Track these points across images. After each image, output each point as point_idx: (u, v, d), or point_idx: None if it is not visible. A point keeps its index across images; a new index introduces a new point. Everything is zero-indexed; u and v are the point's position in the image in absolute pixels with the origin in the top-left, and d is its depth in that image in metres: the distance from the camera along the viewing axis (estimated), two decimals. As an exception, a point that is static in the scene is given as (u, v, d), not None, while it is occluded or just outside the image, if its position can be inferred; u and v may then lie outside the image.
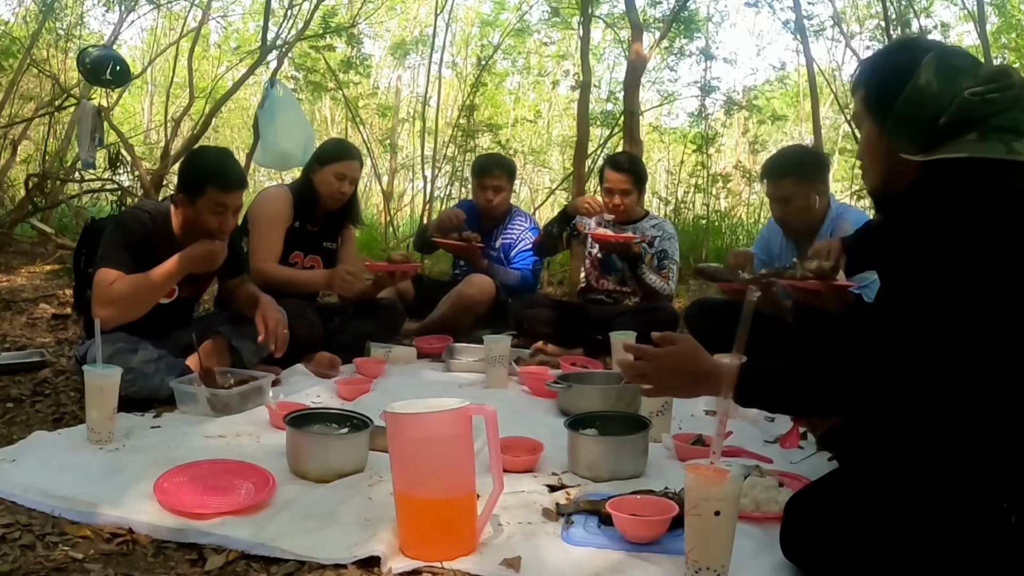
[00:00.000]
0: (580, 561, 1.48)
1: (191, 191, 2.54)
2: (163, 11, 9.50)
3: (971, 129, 1.33)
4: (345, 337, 3.21)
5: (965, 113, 1.33)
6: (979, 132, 1.33)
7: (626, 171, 3.57)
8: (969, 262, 1.24)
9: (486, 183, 3.94)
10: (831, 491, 1.38)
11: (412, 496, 1.48)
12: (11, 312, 3.93)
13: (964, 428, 1.26)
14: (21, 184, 7.79)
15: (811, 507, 1.37)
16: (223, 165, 2.59)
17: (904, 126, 1.39)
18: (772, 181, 2.90)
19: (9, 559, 1.44)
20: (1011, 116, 1.33)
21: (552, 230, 3.79)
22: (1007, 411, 1.24)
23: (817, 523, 1.34)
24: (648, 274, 3.50)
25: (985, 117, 1.33)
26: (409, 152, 11.34)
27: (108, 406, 2.06)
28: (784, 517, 1.41)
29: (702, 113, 8.39)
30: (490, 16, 11.44)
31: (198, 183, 2.52)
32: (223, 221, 2.55)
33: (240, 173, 2.62)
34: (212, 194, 2.51)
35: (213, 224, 2.54)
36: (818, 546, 1.33)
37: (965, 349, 1.23)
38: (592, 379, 2.66)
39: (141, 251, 2.51)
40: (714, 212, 8.15)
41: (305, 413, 2.03)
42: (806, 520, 1.36)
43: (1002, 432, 1.24)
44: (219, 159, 2.63)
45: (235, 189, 2.56)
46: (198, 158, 2.69)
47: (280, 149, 5.70)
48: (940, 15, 8.67)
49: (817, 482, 1.44)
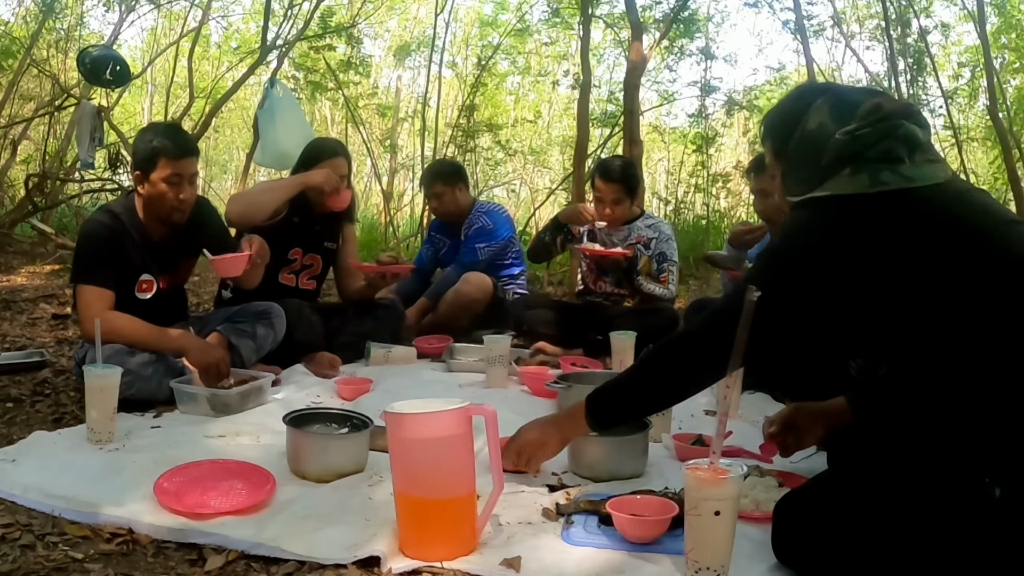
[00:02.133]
0: (580, 561, 1.47)
1: (144, 166, 2.54)
2: (163, 11, 9.50)
3: (846, 165, 1.41)
4: (345, 337, 3.21)
5: (840, 152, 1.41)
6: (852, 167, 1.41)
7: (616, 181, 3.51)
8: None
9: (427, 195, 3.98)
10: (817, 493, 1.40)
11: (412, 496, 1.48)
12: (11, 312, 3.94)
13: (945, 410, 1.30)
14: (21, 184, 7.79)
15: (798, 510, 1.39)
16: (170, 135, 2.59)
17: (797, 169, 1.50)
18: (754, 174, 2.99)
19: (9, 559, 1.44)
20: (882, 148, 1.40)
21: (544, 238, 3.76)
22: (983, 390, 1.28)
23: (805, 525, 1.35)
24: (646, 283, 3.49)
25: (858, 152, 1.40)
26: (409, 152, 11.34)
27: (108, 406, 2.06)
28: (774, 521, 1.42)
29: (702, 113, 8.40)
30: (490, 16, 11.44)
31: (149, 157, 2.52)
32: (180, 191, 2.54)
33: (191, 141, 2.62)
34: (164, 164, 2.51)
35: (170, 196, 2.53)
36: (808, 547, 1.35)
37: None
38: (592, 379, 2.64)
39: (111, 257, 2.51)
40: (714, 212, 8.15)
41: (305, 413, 2.03)
42: (795, 523, 1.38)
43: (979, 408, 1.27)
44: (166, 130, 2.66)
45: (187, 156, 2.56)
46: (146, 133, 2.67)
47: (279, 149, 5.70)
48: (940, 15, 8.66)
49: (803, 485, 1.48)
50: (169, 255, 2.69)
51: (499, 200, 9.59)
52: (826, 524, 1.32)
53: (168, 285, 2.74)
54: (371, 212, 9.71)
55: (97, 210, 2.79)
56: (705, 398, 2.74)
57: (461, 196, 3.96)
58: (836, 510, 1.32)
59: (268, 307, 2.82)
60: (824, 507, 1.34)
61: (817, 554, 1.33)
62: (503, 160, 10.11)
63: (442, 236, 4.12)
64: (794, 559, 1.39)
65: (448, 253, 4.10)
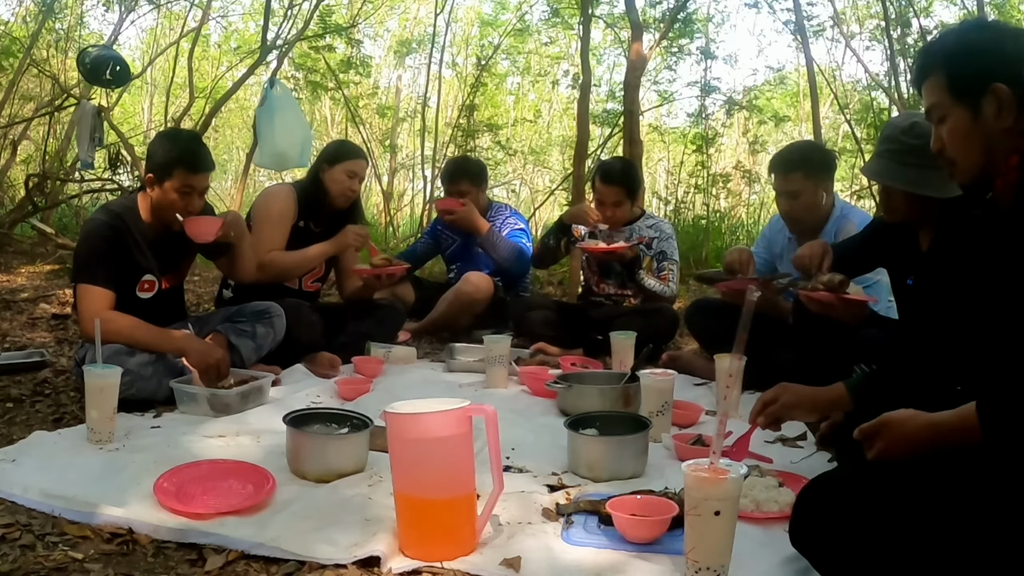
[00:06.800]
0: (580, 561, 1.48)
1: (159, 172, 2.54)
2: (163, 11, 9.50)
3: None
4: (345, 337, 3.21)
5: None
6: None
7: (616, 183, 3.51)
8: None
9: (450, 192, 3.98)
10: (844, 483, 1.36)
11: (412, 496, 1.48)
12: (11, 312, 3.93)
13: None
14: (21, 184, 7.78)
15: (823, 498, 1.35)
16: (192, 147, 2.60)
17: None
18: (781, 174, 2.89)
19: (9, 559, 1.44)
20: None
21: (549, 242, 3.76)
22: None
23: (829, 514, 1.32)
24: (647, 279, 3.49)
25: None
26: (409, 152, 11.34)
27: (108, 406, 2.06)
28: (795, 506, 1.38)
29: (702, 113, 8.40)
30: (490, 16, 11.45)
31: (167, 164, 2.53)
32: (189, 202, 2.56)
33: (209, 156, 2.63)
34: (180, 175, 2.52)
35: (179, 205, 2.55)
36: (828, 537, 1.32)
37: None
38: (592, 379, 2.66)
39: (112, 257, 2.51)
40: (714, 212, 8.14)
41: (305, 413, 2.03)
42: (818, 510, 1.34)
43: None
44: (189, 141, 2.66)
45: (203, 171, 2.57)
46: (168, 139, 2.67)
47: (277, 150, 5.69)
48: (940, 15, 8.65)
49: (829, 473, 1.42)
50: (170, 254, 2.69)
51: (499, 200, 9.58)
52: (849, 515, 1.28)
53: (170, 285, 2.74)
54: (371, 212, 9.70)
55: (98, 209, 2.79)
56: (705, 398, 2.75)
57: (483, 197, 4.04)
58: (858, 500, 1.27)
59: (268, 307, 2.82)
60: (847, 498, 1.31)
61: (836, 544, 1.28)
62: (503, 160, 10.11)
63: (451, 233, 4.10)
64: (811, 547, 1.34)
65: (457, 251, 4.11)
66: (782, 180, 2.89)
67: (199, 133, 2.83)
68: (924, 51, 1.54)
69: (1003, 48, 1.38)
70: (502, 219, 3.99)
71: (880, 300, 2.65)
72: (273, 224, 3.21)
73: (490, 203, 4.10)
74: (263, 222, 3.21)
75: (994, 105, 1.36)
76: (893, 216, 2.20)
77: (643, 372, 2.35)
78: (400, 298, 3.69)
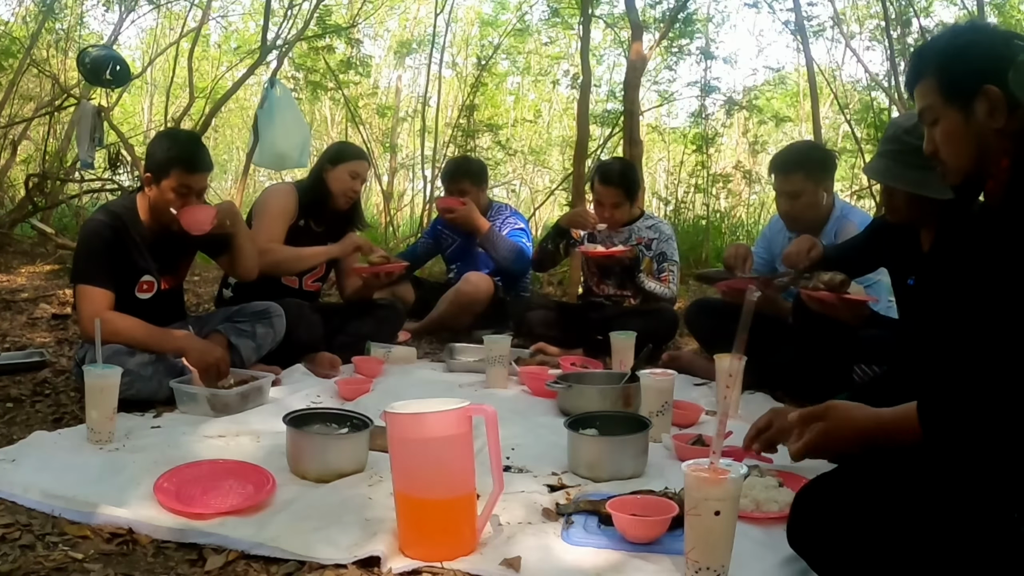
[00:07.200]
0: (580, 561, 1.47)
1: (157, 171, 2.54)
2: (163, 11, 9.50)
3: None
4: (345, 337, 3.21)
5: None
6: None
7: (615, 184, 3.50)
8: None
9: (451, 191, 3.98)
10: (841, 484, 1.36)
11: (412, 496, 1.48)
12: (11, 312, 3.93)
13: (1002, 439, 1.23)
14: (21, 184, 7.78)
15: (820, 498, 1.35)
16: (191, 147, 2.60)
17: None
18: (781, 175, 2.90)
19: (9, 559, 1.44)
20: None
21: (547, 246, 3.76)
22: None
23: (826, 515, 1.32)
24: (647, 281, 3.49)
25: None
26: (409, 152, 11.34)
27: (108, 406, 2.06)
28: (793, 507, 1.38)
29: (702, 113, 8.40)
30: (490, 16, 11.45)
31: (165, 164, 2.53)
32: (186, 203, 2.56)
33: (207, 157, 2.63)
34: (177, 175, 2.52)
35: (176, 205, 2.54)
36: (825, 538, 1.32)
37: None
38: (592, 379, 2.66)
39: (111, 257, 2.51)
40: (714, 212, 8.14)
41: (305, 413, 2.03)
42: (815, 511, 1.34)
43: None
44: (188, 141, 2.66)
45: (200, 171, 2.57)
46: (166, 139, 2.67)
47: (276, 150, 5.70)
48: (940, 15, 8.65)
49: (827, 474, 1.42)
50: (169, 255, 2.69)
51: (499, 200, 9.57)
52: (846, 516, 1.29)
53: (169, 286, 2.74)
54: (371, 212, 9.70)
55: (97, 210, 2.79)
56: (705, 398, 2.75)
57: (483, 196, 4.04)
58: (859, 503, 1.28)
59: (268, 307, 2.83)
60: (846, 499, 1.31)
61: (834, 545, 1.29)
62: (503, 160, 10.12)
63: (451, 233, 4.11)
64: (808, 548, 1.35)
65: (457, 251, 4.11)
66: (782, 180, 2.90)
67: (198, 133, 2.82)
68: (916, 54, 1.56)
69: (994, 50, 1.39)
70: (502, 219, 3.99)
71: (880, 300, 2.65)
72: (272, 217, 3.21)
73: (490, 203, 4.11)
74: (262, 215, 3.22)
75: (985, 107, 1.38)
76: (895, 216, 2.21)
77: (643, 372, 2.34)
78: (400, 298, 3.70)
